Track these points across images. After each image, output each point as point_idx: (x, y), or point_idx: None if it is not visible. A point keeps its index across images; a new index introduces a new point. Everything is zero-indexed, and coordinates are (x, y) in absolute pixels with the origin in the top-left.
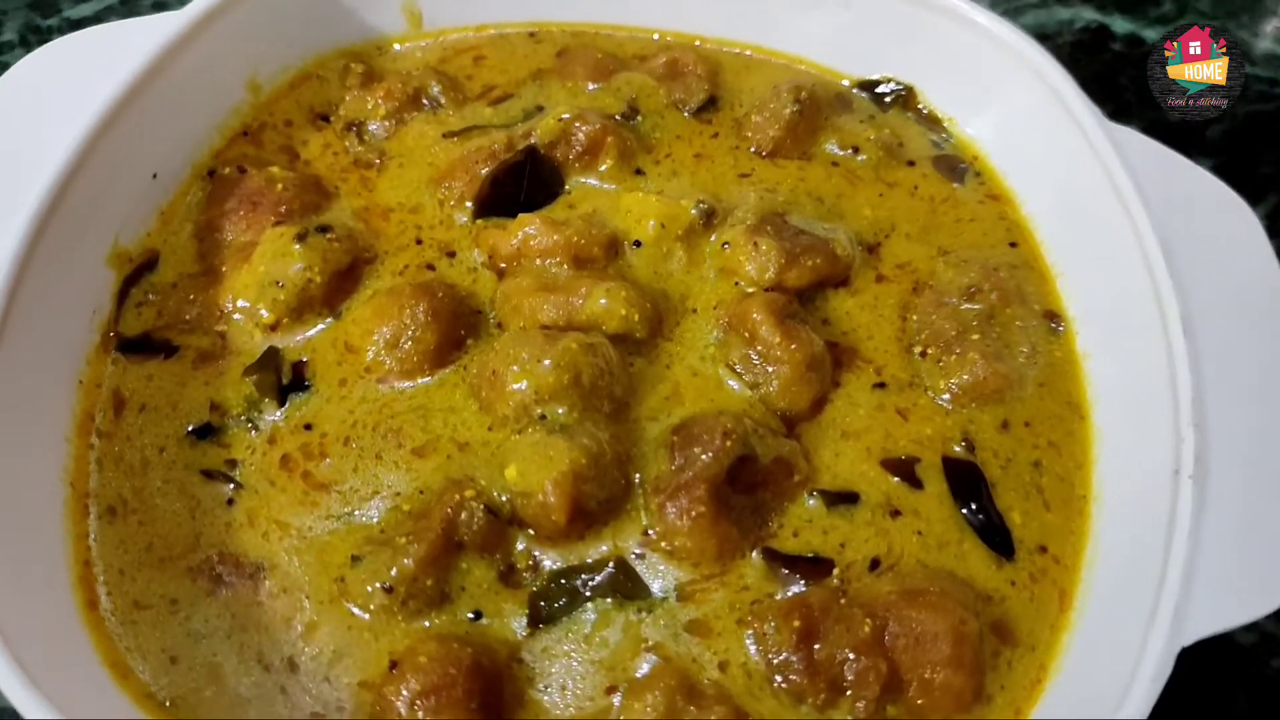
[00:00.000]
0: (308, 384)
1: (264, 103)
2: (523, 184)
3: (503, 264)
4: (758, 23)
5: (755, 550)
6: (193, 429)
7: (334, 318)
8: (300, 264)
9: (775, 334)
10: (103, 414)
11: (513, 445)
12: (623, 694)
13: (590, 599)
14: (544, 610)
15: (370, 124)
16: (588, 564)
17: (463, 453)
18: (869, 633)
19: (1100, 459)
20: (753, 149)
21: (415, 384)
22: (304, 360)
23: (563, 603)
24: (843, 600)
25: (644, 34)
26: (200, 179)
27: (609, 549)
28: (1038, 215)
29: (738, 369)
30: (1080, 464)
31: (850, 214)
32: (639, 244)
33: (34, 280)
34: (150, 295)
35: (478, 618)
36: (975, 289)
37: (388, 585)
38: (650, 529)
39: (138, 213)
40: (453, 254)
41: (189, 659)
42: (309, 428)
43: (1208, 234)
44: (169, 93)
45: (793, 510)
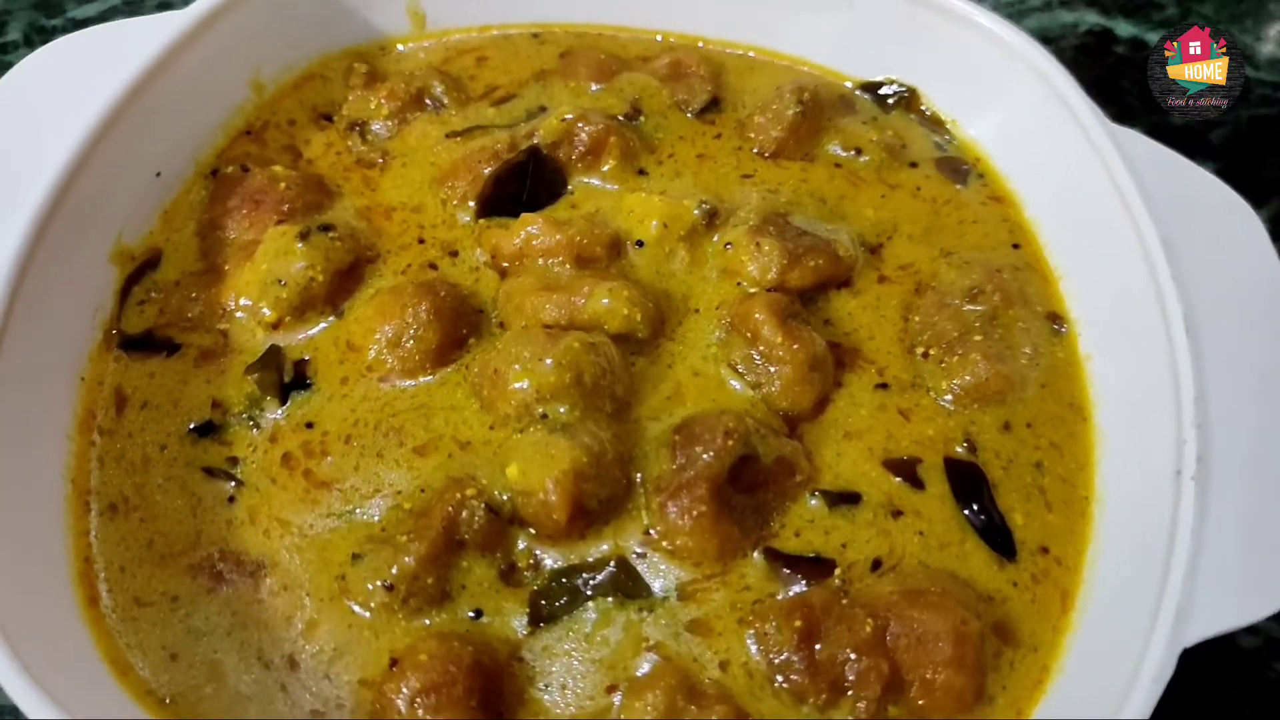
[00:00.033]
0: (309, 382)
1: (267, 102)
2: (525, 184)
3: (505, 263)
4: (761, 24)
5: (757, 550)
6: (194, 426)
7: (336, 316)
8: (303, 262)
9: (777, 334)
10: (104, 411)
11: (514, 444)
12: (623, 693)
13: (591, 598)
14: (545, 609)
15: (373, 124)
16: (589, 563)
17: (464, 451)
18: (870, 633)
19: (1102, 460)
20: (755, 150)
21: (417, 383)
22: (306, 358)
23: (563, 601)
24: (844, 600)
25: (647, 35)
26: (203, 178)
27: (610, 548)
28: (1040, 217)
29: (740, 369)
30: (1082, 465)
31: (853, 215)
32: (641, 244)
33: (36, 278)
34: (153, 293)
35: (478, 616)
36: (977, 290)
37: (388, 583)
38: (651, 528)
39: (141, 211)
40: (455, 253)
41: (189, 656)
42: (310, 426)
43: (1210, 235)
44: (172, 91)
45: (794, 510)
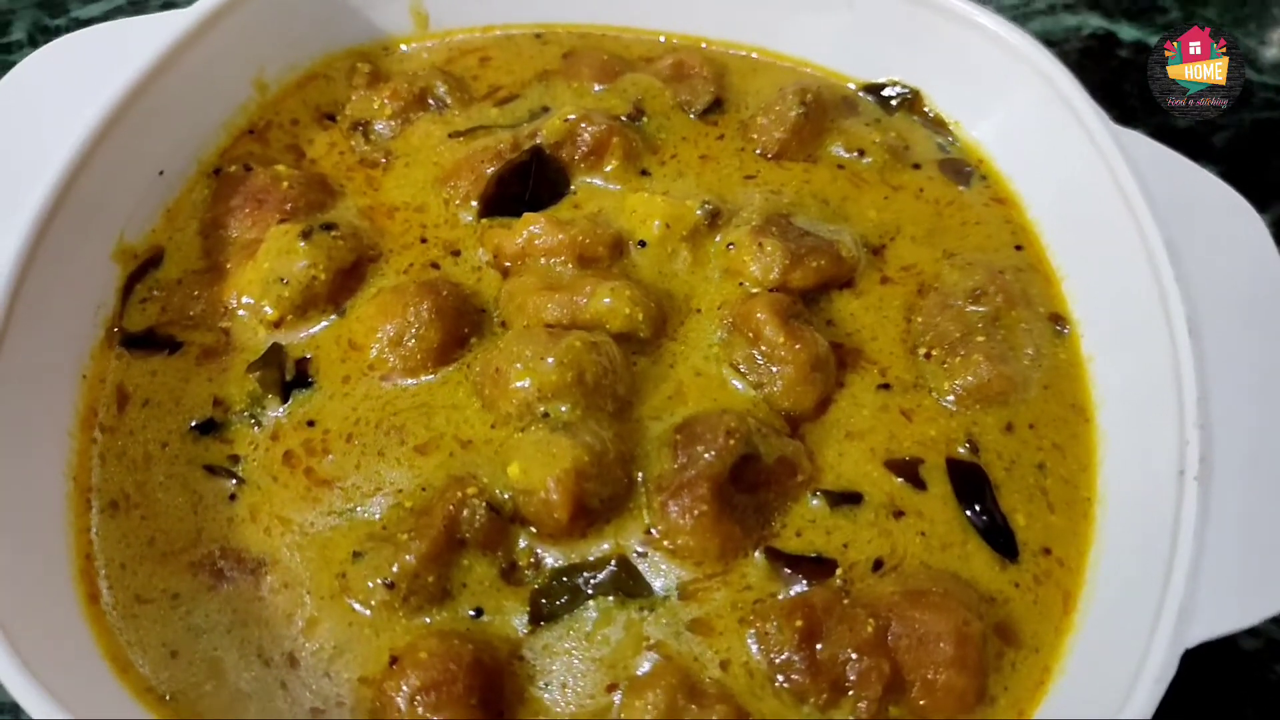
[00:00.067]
0: (311, 380)
1: (270, 102)
2: (528, 184)
3: (507, 263)
4: (764, 26)
5: (758, 550)
6: (196, 424)
7: (338, 315)
8: (305, 261)
9: (779, 334)
10: (106, 409)
11: (515, 443)
12: (623, 692)
13: (592, 597)
14: (545, 608)
15: (376, 123)
16: (589, 562)
17: (465, 450)
18: (872, 633)
19: (1104, 461)
20: (758, 151)
21: (418, 381)
22: (307, 357)
23: (564, 600)
24: (845, 600)
25: (650, 36)
26: (206, 177)
27: (611, 547)
28: (1043, 218)
29: (742, 369)
30: (1084, 466)
31: (855, 216)
32: (644, 244)
33: (39, 275)
34: (155, 291)
35: (479, 615)
36: (980, 291)
37: (389, 581)
38: (653, 527)
39: (143, 209)
40: (457, 253)
41: (189, 653)
42: (312, 424)
43: (1213, 236)
44: (175, 91)
45: (796, 510)
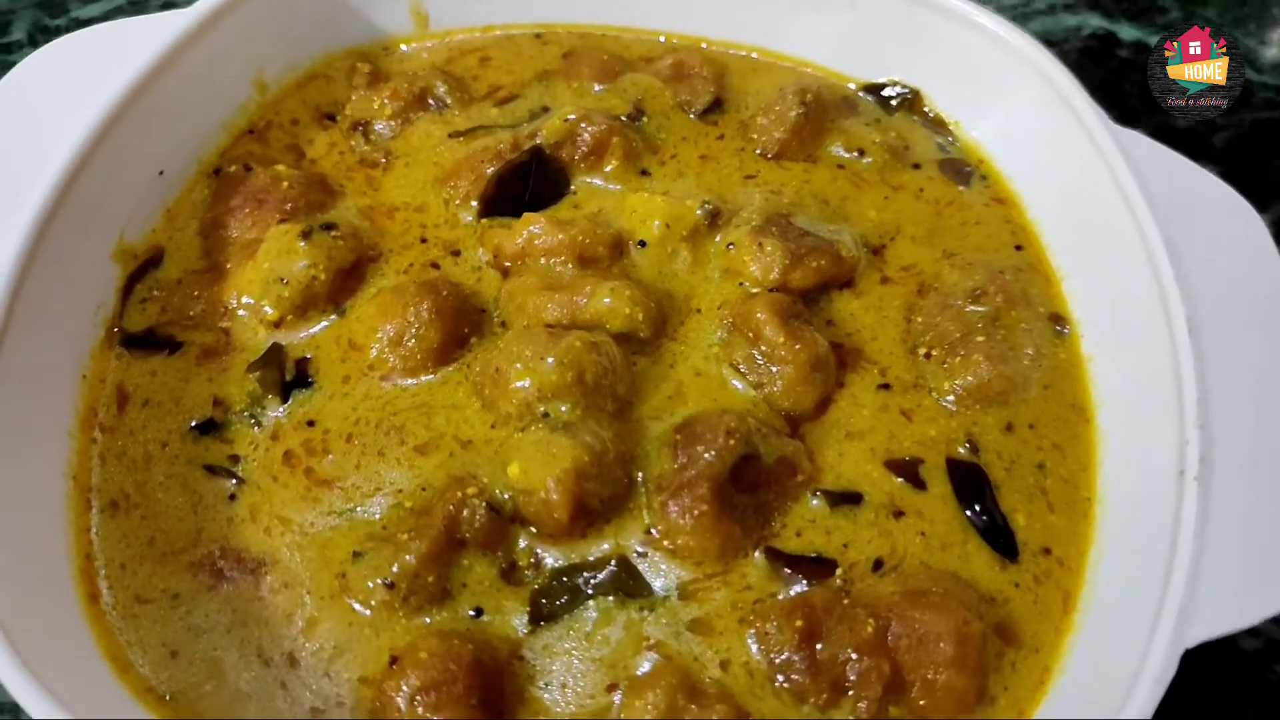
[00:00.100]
0: (311, 380)
1: (270, 102)
2: (528, 184)
3: (507, 263)
4: (762, 24)
5: (758, 550)
6: (196, 424)
7: (338, 315)
8: (305, 261)
9: (780, 334)
10: (106, 409)
11: (515, 443)
12: (623, 692)
13: (592, 597)
14: (545, 608)
15: (376, 123)
16: (589, 562)
17: (465, 450)
18: (872, 633)
19: (1105, 461)
20: (758, 151)
21: (418, 381)
22: (307, 357)
23: (564, 600)
24: (846, 600)
25: (650, 36)
26: (206, 176)
27: (611, 547)
28: (1043, 218)
29: (742, 369)
30: (1085, 466)
31: (855, 216)
32: (644, 244)
33: (39, 275)
34: (155, 291)
35: (479, 615)
36: (980, 291)
37: (389, 581)
38: (653, 527)
39: (143, 209)
40: (457, 253)
41: (189, 653)
42: (312, 424)
43: (1213, 236)
44: (175, 91)
45: (796, 510)
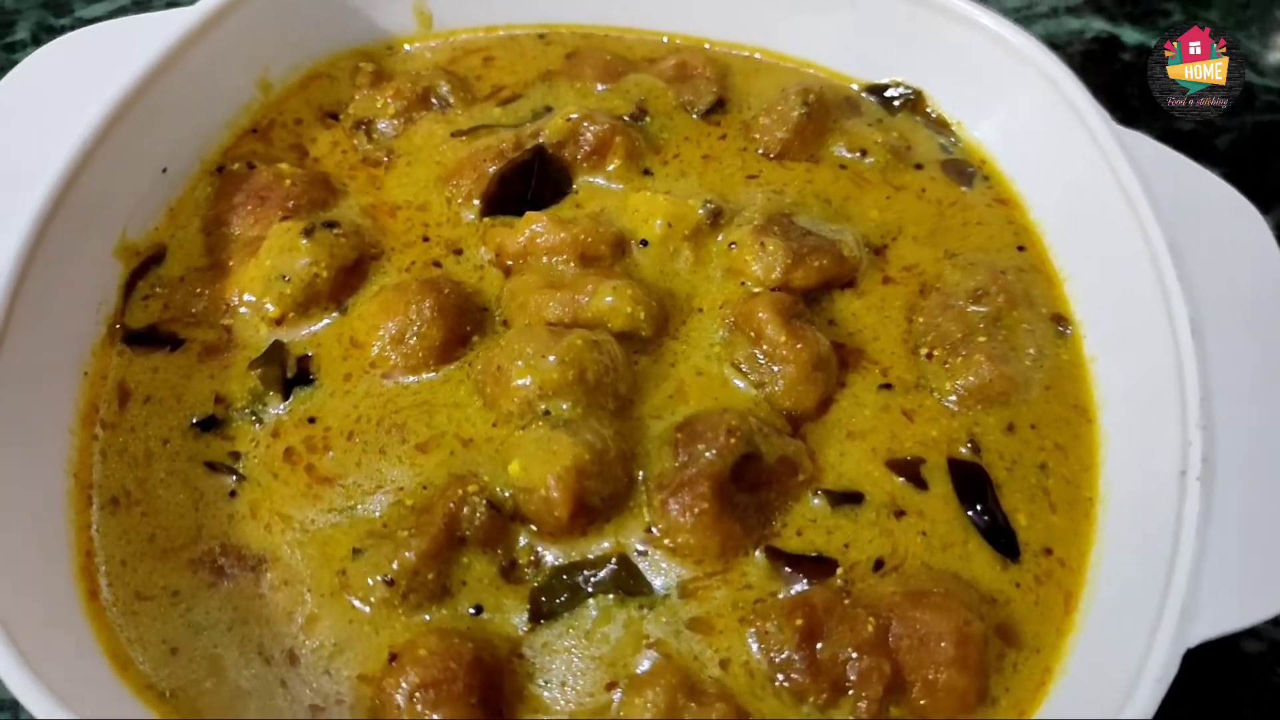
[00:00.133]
0: (312, 378)
1: (274, 101)
2: (530, 183)
3: (509, 261)
4: (767, 26)
5: (758, 549)
6: (197, 421)
7: (340, 313)
8: (307, 259)
9: (781, 333)
10: (107, 405)
11: (516, 441)
12: (623, 690)
13: (592, 595)
14: (545, 606)
15: (379, 123)
16: (589, 560)
17: (466, 448)
18: (872, 633)
19: (1107, 462)
20: (760, 151)
21: (420, 379)
22: (309, 355)
23: (564, 598)
24: (846, 600)
25: (653, 36)
26: (209, 174)
27: (611, 545)
28: (1045, 219)
29: (743, 368)
30: (1087, 466)
31: (857, 216)
32: (646, 243)
33: (41, 272)
34: (157, 288)
35: (479, 612)
36: (982, 292)
37: (389, 578)
38: (653, 526)
39: (146, 207)
40: (459, 251)
41: (190, 650)
42: (313, 421)
43: (1216, 237)
44: (178, 89)
45: (797, 509)
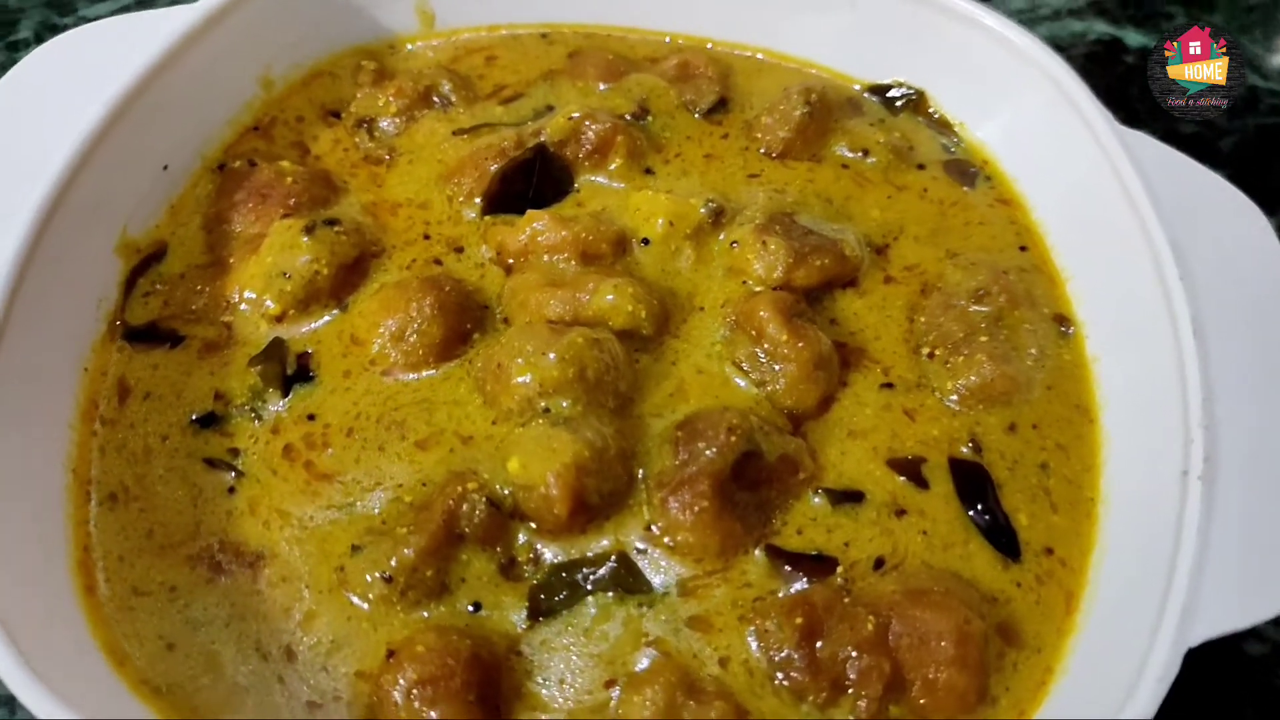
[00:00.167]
0: (312, 375)
1: (276, 98)
2: (532, 181)
3: (510, 260)
4: (768, 26)
5: (758, 547)
6: (196, 418)
7: (340, 310)
8: (307, 256)
9: (783, 332)
10: (107, 401)
11: (516, 438)
12: (621, 688)
13: (591, 593)
14: (544, 603)
15: (381, 121)
16: (589, 558)
17: (466, 446)
18: (872, 631)
19: (1108, 461)
20: (762, 150)
21: (420, 377)
22: (309, 351)
23: (563, 596)
24: (846, 599)
25: (656, 36)
26: (210, 172)
27: (611, 543)
28: (1048, 219)
29: (744, 367)
30: (1088, 466)
31: (859, 216)
32: (647, 242)
33: (41, 269)
34: (157, 285)
35: (477, 609)
36: (984, 291)
37: (387, 575)
38: (653, 524)
39: (147, 204)
40: (460, 249)
41: (186, 646)
42: (312, 418)
43: (1218, 237)
44: (180, 87)
45: (797, 508)
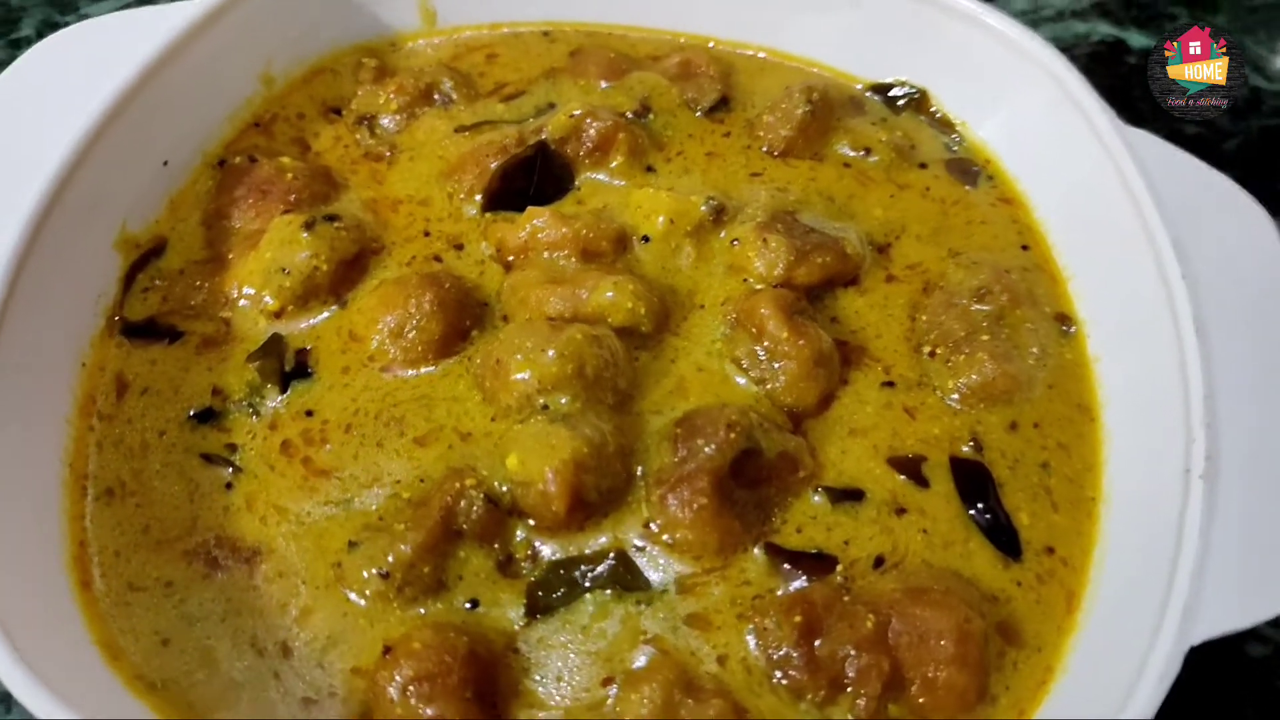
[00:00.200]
0: (310, 371)
1: (277, 95)
2: (532, 178)
3: (510, 257)
4: (771, 25)
5: (757, 545)
6: (194, 413)
7: (339, 306)
8: (307, 252)
9: (783, 330)
10: (104, 397)
11: (514, 435)
12: (619, 685)
13: (589, 590)
14: (541, 600)
15: (382, 118)
16: (587, 555)
17: (465, 443)
18: (872, 630)
19: (1110, 460)
20: (764, 149)
21: (419, 373)
22: (307, 348)
23: (561, 593)
24: (846, 597)
25: (657, 35)
26: (210, 168)
27: (609, 540)
28: (1050, 218)
29: (744, 364)
30: (1089, 466)
31: (861, 214)
32: (647, 239)
33: (40, 264)
34: (157, 280)
35: (474, 606)
36: (985, 290)
37: (384, 571)
38: (651, 521)
39: (147, 199)
40: (460, 246)
41: (182, 642)
42: (310, 414)
43: (1220, 236)
44: (181, 83)
45: (797, 506)
